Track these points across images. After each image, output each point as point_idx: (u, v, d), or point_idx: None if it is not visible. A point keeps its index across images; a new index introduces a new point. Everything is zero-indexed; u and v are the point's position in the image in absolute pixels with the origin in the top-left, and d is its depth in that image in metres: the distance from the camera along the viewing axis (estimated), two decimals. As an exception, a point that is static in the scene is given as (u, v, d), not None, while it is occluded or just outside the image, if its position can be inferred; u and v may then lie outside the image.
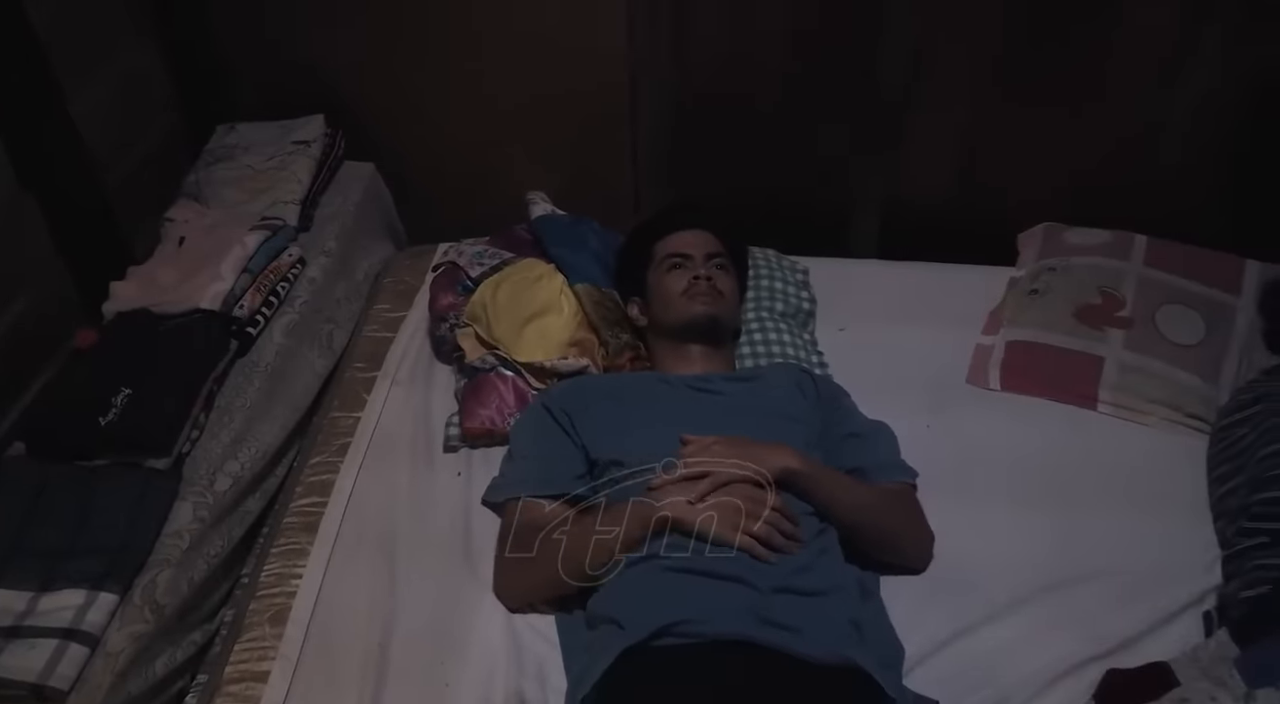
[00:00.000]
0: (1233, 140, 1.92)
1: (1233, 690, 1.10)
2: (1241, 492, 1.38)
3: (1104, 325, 1.70)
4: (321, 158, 2.06)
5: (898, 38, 1.91)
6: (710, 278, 1.59)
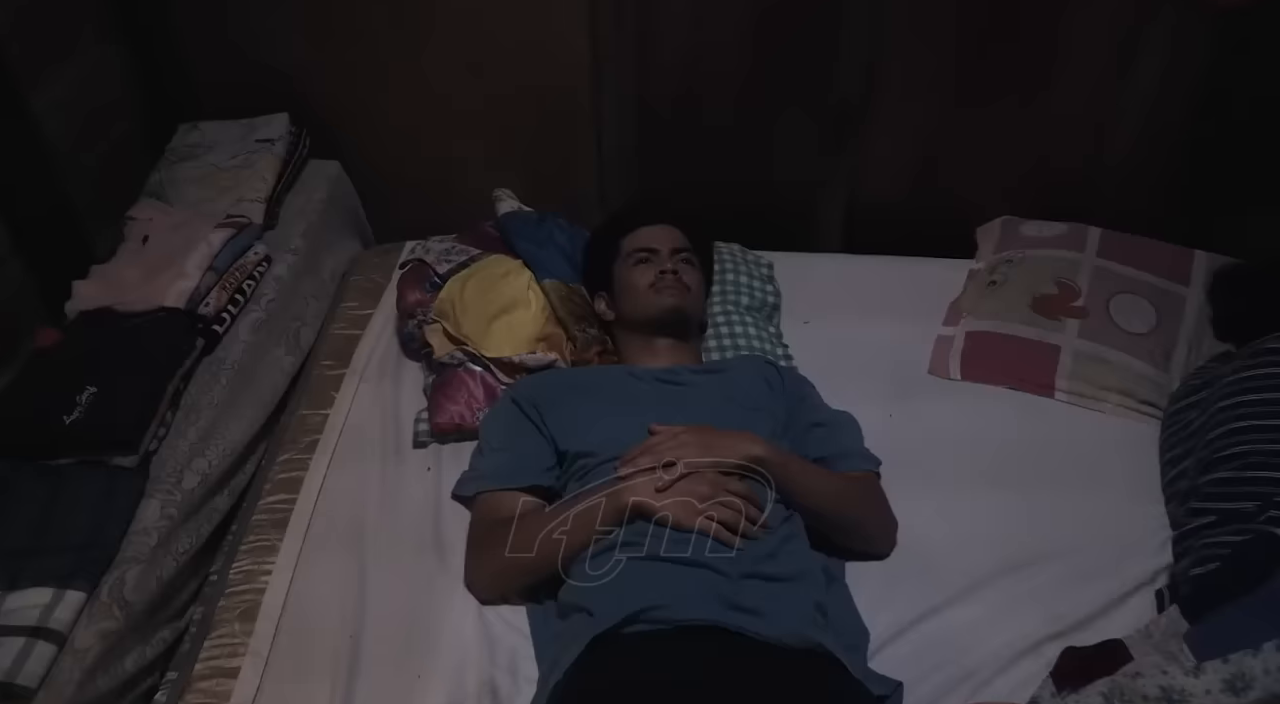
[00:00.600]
0: (1180, 135, 1.98)
1: (1182, 664, 1.14)
2: (1191, 473, 1.42)
3: (1060, 315, 1.75)
4: (286, 156, 2.05)
5: (855, 37, 1.94)
6: (676, 272, 1.61)
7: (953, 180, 2.12)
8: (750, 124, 2.09)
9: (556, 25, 1.98)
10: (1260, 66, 1.87)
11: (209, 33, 2.07)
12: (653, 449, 1.33)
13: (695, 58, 2.00)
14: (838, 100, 2.03)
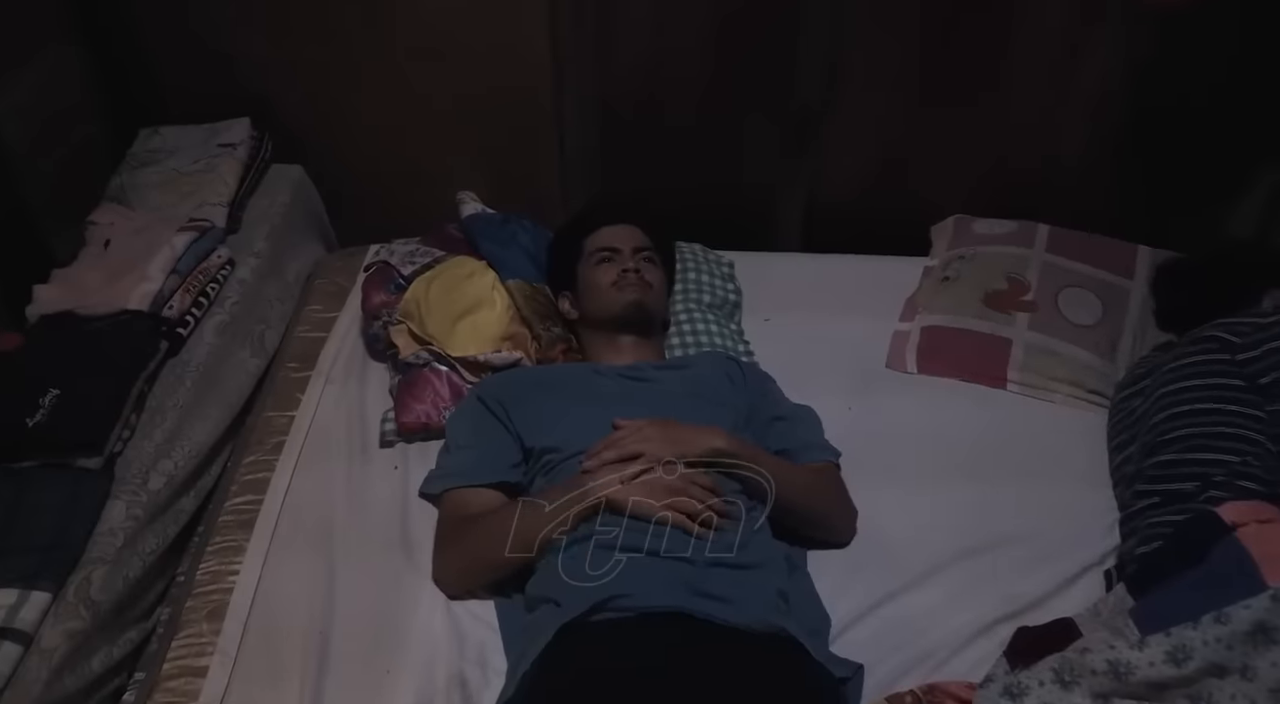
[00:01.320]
0: (1124, 134, 2.05)
1: (1128, 638, 1.18)
2: (1136, 458, 1.48)
3: (1011, 309, 1.80)
4: (248, 160, 2.06)
5: (814, 43, 1.99)
6: (638, 270, 1.63)
7: (908, 181, 2.18)
8: (712, 127, 2.13)
9: (519, 28, 2.00)
10: (1197, 68, 1.95)
11: (170, 37, 2.07)
12: (617, 443, 1.35)
13: (657, 61, 2.04)
14: (799, 105, 2.08)
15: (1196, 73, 1.96)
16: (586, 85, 2.07)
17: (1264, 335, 1.42)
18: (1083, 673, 1.17)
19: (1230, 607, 1.12)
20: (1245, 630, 1.10)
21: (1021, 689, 1.19)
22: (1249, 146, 2.04)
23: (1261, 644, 1.08)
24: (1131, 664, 1.14)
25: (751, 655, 1.19)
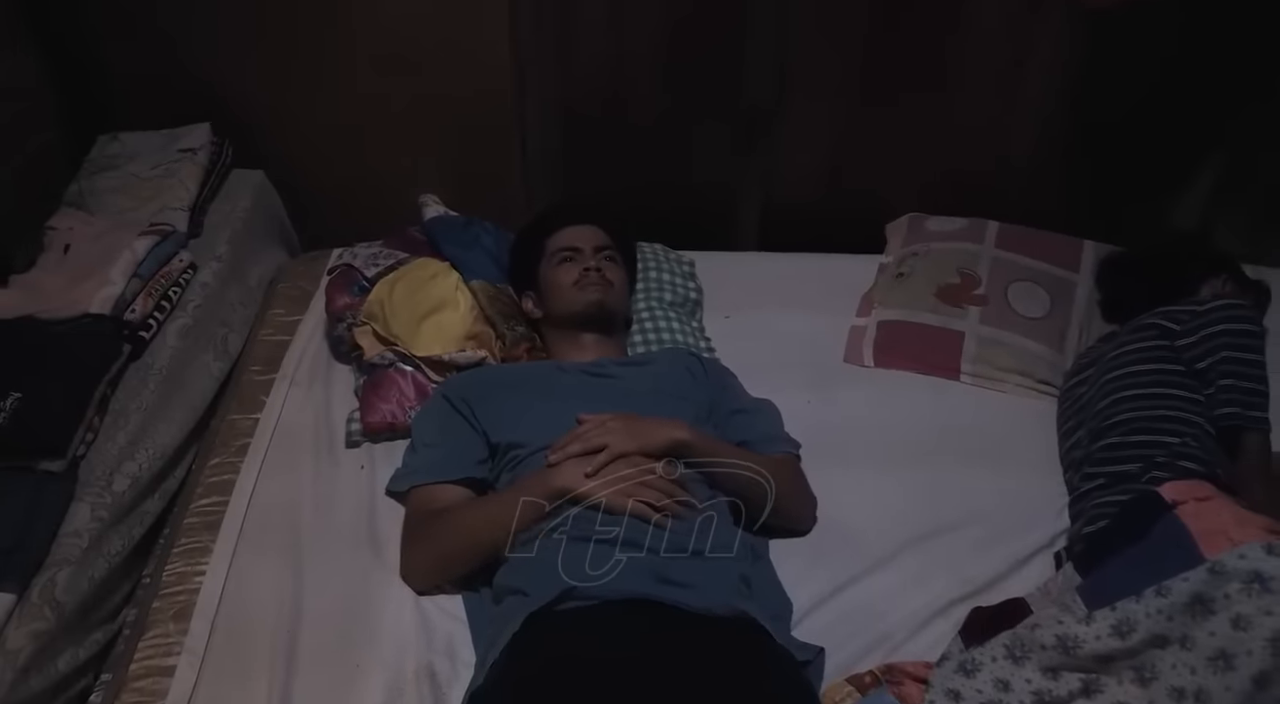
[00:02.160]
0: (1069, 133, 2.12)
1: (1075, 614, 1.23)
2: (1084, 443, 1.53)
3: (963, 303, 1.86)
4: (209, 165, 2.06)
5: (762, 45, 2.04)
6: (600, 269, 1.66)
7: (862, 181, 2.23)
8: (670, 129, 2.17)
9: (480, 31, 2.02)
10: (1137, 67, 2.02)
11: (128, 44, 2.07)
12: (581, 436, 1.38)
13: (614, 64, 2.07)
14: (749, 106, 2.12)
15: (1137, 72, 2.03)
16: (548, 88, 2.10)
17: (1200, 322, 1.48)
18: (1033, 648, 1.22)
19: (1170, 580, 1.17)
20: (1184, 602, 1.15)
21: (975, 665, 1.23)
22: (1188, 143, 2.12)
23: (1199, 615, 1.14)
24: (1079, 638, 1.19)
25: (716, 639, 1.21)
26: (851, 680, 1.27)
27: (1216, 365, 1.44)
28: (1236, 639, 1.10)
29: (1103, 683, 1.18)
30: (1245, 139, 2.13)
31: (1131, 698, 1.15)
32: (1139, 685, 1.15)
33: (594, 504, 1.31)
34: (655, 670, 1.15)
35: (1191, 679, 1.12)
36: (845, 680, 1.27)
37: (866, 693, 1.26)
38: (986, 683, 1.21)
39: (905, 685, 1.27)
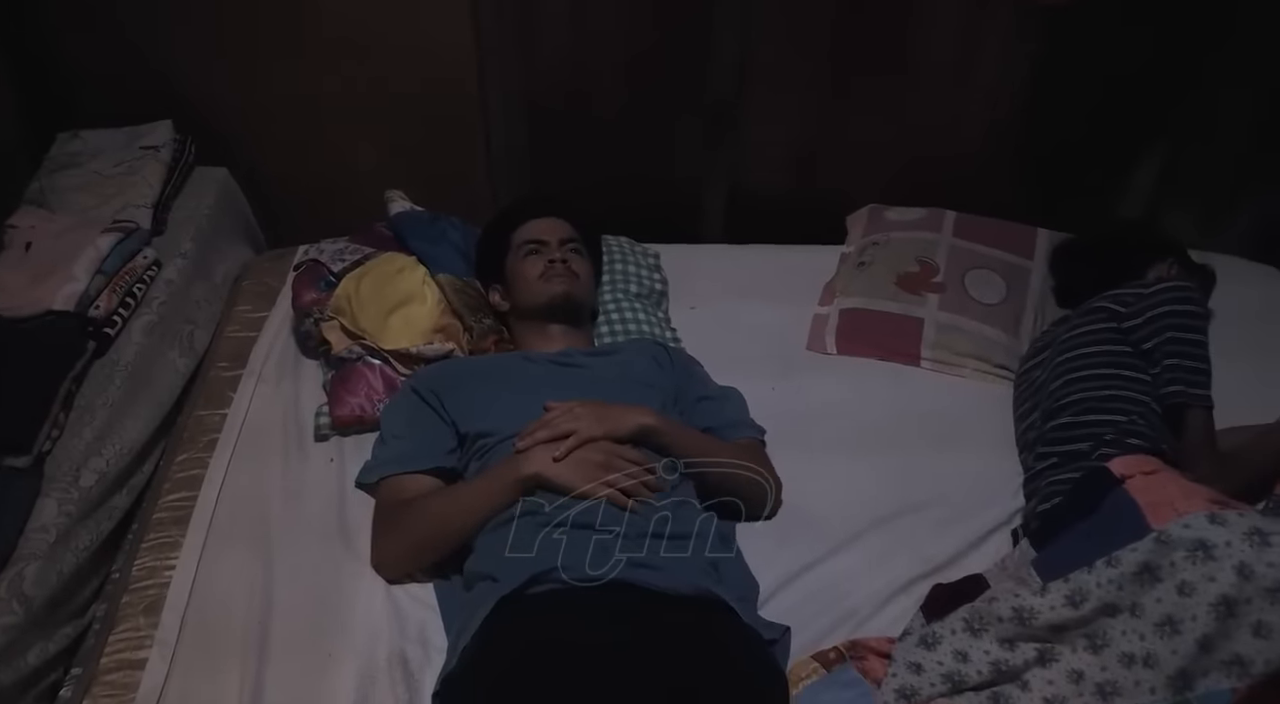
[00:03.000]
0: (1023, 126, 2.17)
1: (1031, 586, 1.27)
2: (1038, 424, 1.58)
3: (922, 291, 1.90)
4: (172, 162, 2.05)
5: (726, 38, 2.07)
6: (565, 260, 1.68)
7: (824, 173, 2.27)
8: (634, 122, 2.19)
9: (442, 25, 2.03)
10: (1086, 61, 2.08)
11: (89, 41, 2.05)
12: (549, 423, 1.40)
13: (577, 58, 2.09)
14: (714, 99, 2.15)
15: (1088, 66, 2.09)
16: (510, 80, 2.11)
17: (1145, 304, 1.53)
18: (990, 620, 1.26)
19: (1120, 551, 1.21)
20: (1133, 571, 1.19)
21: (936, 639, 1.27)
22: (1137, 134, 2.19)
23: (1147, 582, 1.18)
24: (1034, 609, 1.23)
25: (685, 619, 1.23)
26: (817, 657, 1.31)
27: (1162, 345, 1.49)
28: (1182, 605, 1.15)
29: (1057, 651, 1.22)
30: (1190, 129, 2.19)
31: (1084, 665, 1.20)
32: (1091, 653, 1.20)
33: (564, 490, 1.33)
34: (625, 652, 1.17)
35: (1140, 645, 1.16)
36: (811, 657, 1.31)
37: (832, 669, 1.29)
38: (946, 655, 1.25)
39: (869, 660, 1.31)
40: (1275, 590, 1.11)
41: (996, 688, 1.23)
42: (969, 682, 1.23)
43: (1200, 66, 2.11)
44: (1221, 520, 1.18)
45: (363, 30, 2.05)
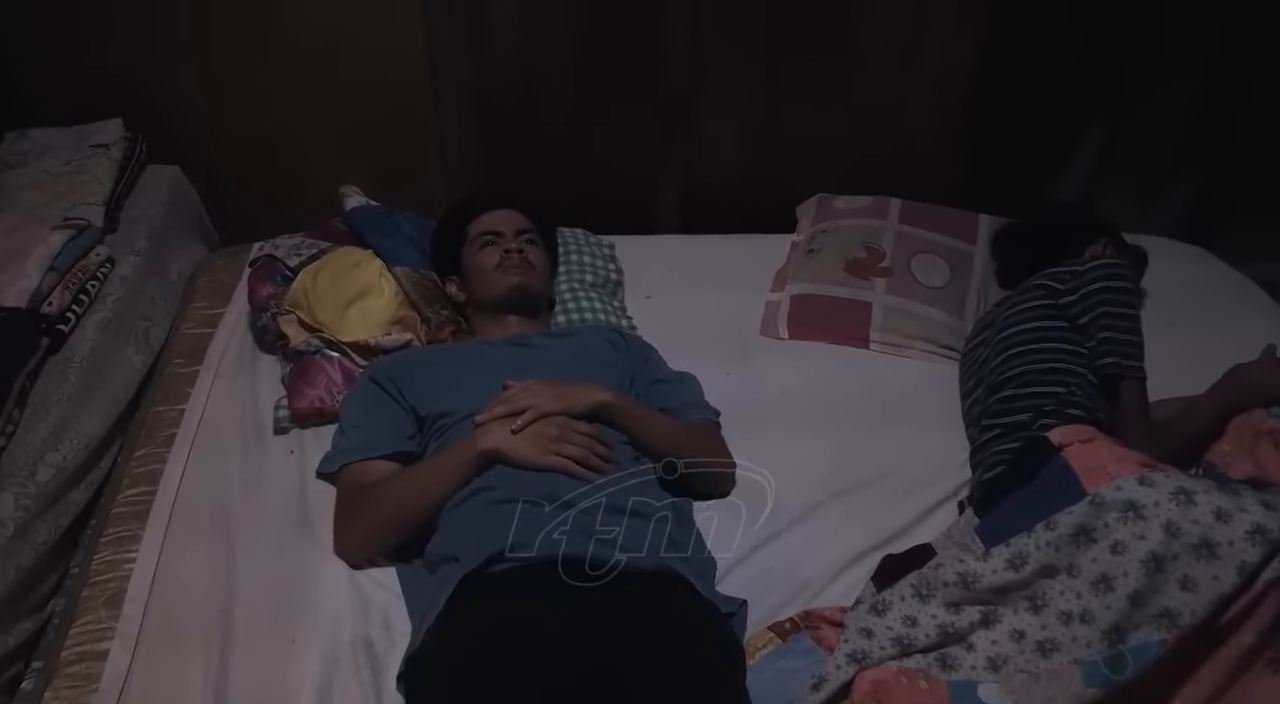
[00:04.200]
0: (965, 116, 2.24)
1: (975, 552, 1.32)
2: (982, 399, 1.63)
3: (869, 276, 1.95)
4: (123, 161, 2.04)
5: (676, 33, 2.11)
6: (521, 251, 1.70)
7: (774, 165, 2.32)
8: (587, 118, 2.22)
9: (394, 20, 2.04)
10: (1027, 51, 2.15)
11: (36, 40, 2.04)
12: (506, 399, 1.42)
13: (529, 55, 2.11)
14: (669, 93, 2.19)
15: (1028, 51, 2.16)
16: (463, 77, 2.13)
17: (1080, 281, 1.60)
18: (937, 586, 1.30)
19: (1057, 514, 1.27)
20: (1070, 533, 1.25)
21: (885, 605, 1.31)
22: (1074, 121, 2.26)
23: (1083, 544, 1.24)
24: (978, 574, 1.28)
25: (643, 592, 1.26)
26: (773, 628, 1.34)
27: (1096, 320, 1.55)
28: (1115, 563, 1.21)
29: (1000, 613, 1.27)
30: (1126, 116, 2.27)
31: (1026, 625, 1.25)
32: (1032, 613, 1.25)
33: (520, 464, 1.35)
34: (585, 625, 1.20)
35: (1077, 602, 1.22)
36: (767, 628, 1.34)
37: (787, 638, 1.33)
38: (896, 620, 1.29)
39: (822, 629, 1.35)
40: (1200, 546, 1.18)
41: (943, 650, 1.27)
42: (917, 644, 1.27)
43: (1135, 55, 2.19)
44: (1150, 482, 1.24)
45: (315, 28, 2.06)
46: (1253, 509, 1.18)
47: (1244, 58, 2.17)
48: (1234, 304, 1.98)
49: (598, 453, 1.38)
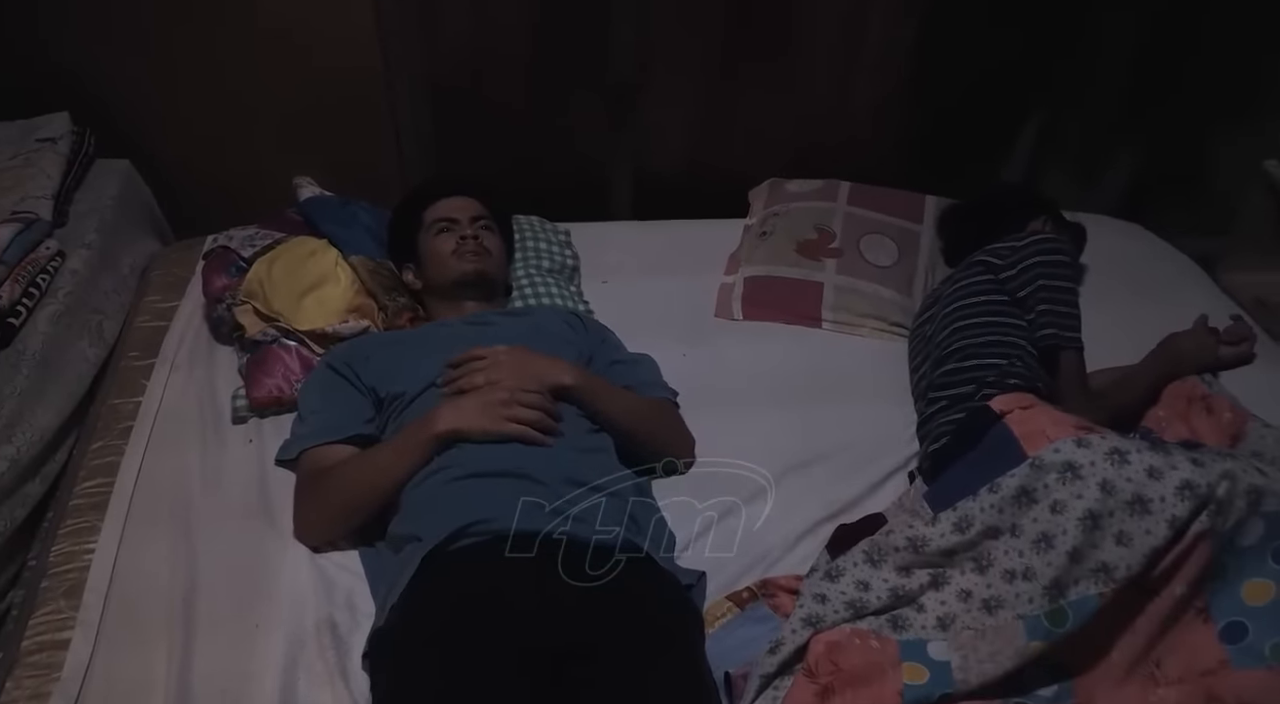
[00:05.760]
0: (910, 101, 2.29)
1: (923, 517, 1.37)
2: (929, 373, 1.68)
3: (820, 256, 1.99)
4: (71, 155, 2.02)
5: (624, 20, 2.13)
6: (477, 237, 1.71)
7: (725, 150, 2.36)
8: (538, 106, 2.24)
9: (343, 14, 2.04)
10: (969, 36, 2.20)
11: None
12: (473, 369, 1.44)
13: (479, 45, 2.12)
14: (615, 81, 2.21)
15: (968, 44, 2.22)
16: (414, 63, 2.14)
17: (1018, 256, 1.65)
18: (888, 551, 1.35)
19: (1000, 478, 1.32)
20: (1012, 495, 1.29)
21: (839, 572, 1.35)
22: (1014, 108, 2.33)
23: (1024, 505, 1.29)
24: (926, 538, 1.33)
25: (604, 566, 1.27)
26: (731, 597, 1.38)
27: (1035, 293, 1.61)
28: (1055, 522, 1.26)
29: (948, 575, 1.32)
30: (1065, 98, 2.34)
31: (972, 585, 1.30)
32: (978, 573, 1.30)
33: (479, 438, 1.37)
34: (548, 601, 1.22)
35: (1020, 561, 1.27)
36: (725, 598, 1.38)
37: (745, 607, 1.36)
38: (849, 585, 1.33)
39: (779, 597, 1.38)
40: (1133, 503, 1.23)
41: (895, 611, 1.32)
42: (870, 607, 1.31)
43: (1071, 42, 2.25)
44: (1086, 443, 1.29)
45: (265, 16, 2.05)
46: (1182, 466, 1.24)
47: (1172, 44, 2.25)
48: (1169, 277, 2.06)
49: (552, 414, 1.41)
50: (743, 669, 1.28)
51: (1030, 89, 2.31)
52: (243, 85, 2.13)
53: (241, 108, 2.17)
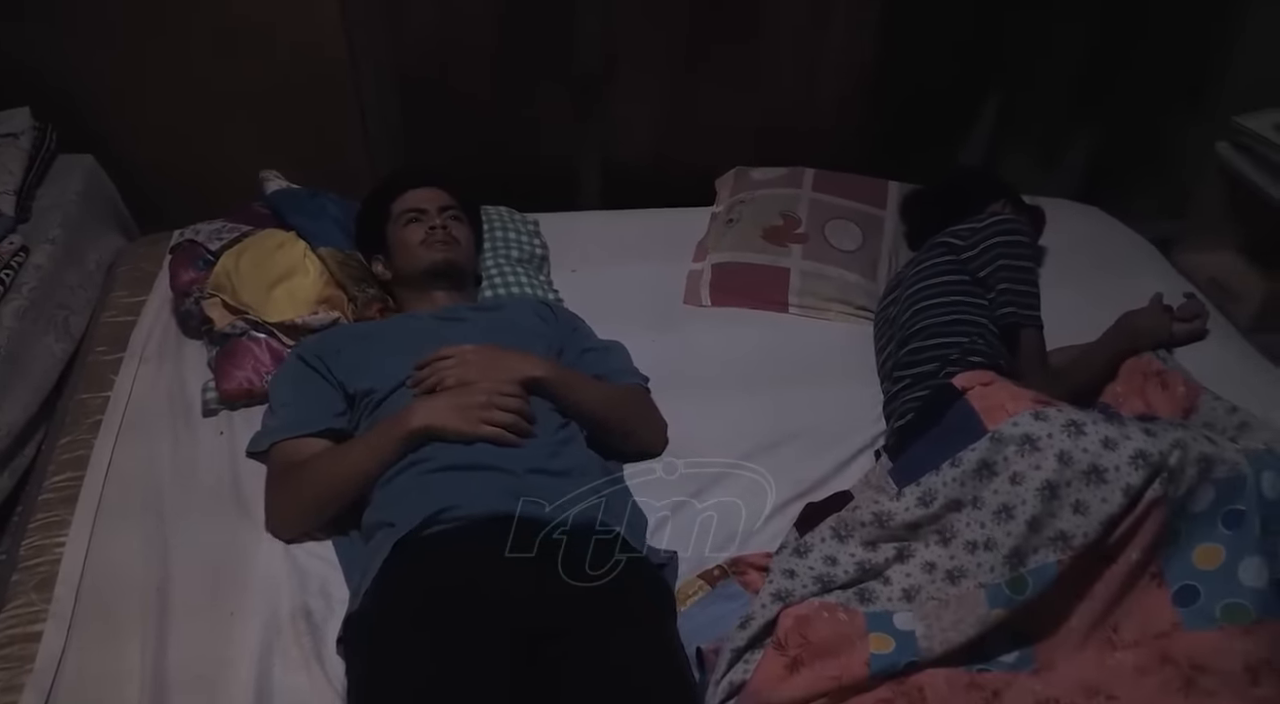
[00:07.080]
0: (873, 89, 2.33)
1: (888, 493, 1.39)
2: (894, 353, 1.71)
3: (786, 242, 2.02)
4: (32, 150, 2.01)
5: (589, 11, 2.15)
6: (446, 227, 1.72)
7: (691, 140, 2.38)
8: (504, 96, 2.24)
9: (307, 6, 2.04)
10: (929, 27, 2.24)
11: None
12: (440, 369, 1.45)
13: (444, 36, 2.13)
14: (581, 72, 2.23)
15: (929, 33, 2.25)
16: (380, 54, 2.14)
17: (979, 237, 1.68)
18: (855, 527, 1.37)
19: (962, 452, 1.35)
20: (973, 468, 1.32)
21: (807, 548, 1.38)
22: (974, 96, 2.37)
23: (985, 477, 1.32)
24: (891, 512, 1.36)
25: (577, 550, 1.30)
26: (702, 576, 1.40)
27: (995, 273, 1.64)
28: (1014, 493, 1.29)
29: (913, 548, 1.35)
30: (1024, 84, 2.38)
31: (936, 557, 1.33)
32: (941, 545, 1.33)
33: (455, 437, 1.38)
34: (521, 584, 1.24)
35: (981, 532, 1.30)
36: (697, 576, 1.40)
37: (716, 585, 1.39)
38: (817, 560, 1.36)
39: (749, 575, 1.41)
40: (1090, 472, 1.26)
41: (862, 585, 1.34)
42: (837, 581, 1.34)
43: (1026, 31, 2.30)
44: (1044, 416, 1.32)
45: (230, 7, 2.04)
46: (1136, 436, 1.27)
47: (1127, 29, 2.30)
48: (1126, 258, 2.11)
49: (526, 415, 1.42)
50: (714, 644, 1.30)
51: (989, 77, 2.35)
52: (208, 78, 2.12)
53: (207, 100, 2.16)
